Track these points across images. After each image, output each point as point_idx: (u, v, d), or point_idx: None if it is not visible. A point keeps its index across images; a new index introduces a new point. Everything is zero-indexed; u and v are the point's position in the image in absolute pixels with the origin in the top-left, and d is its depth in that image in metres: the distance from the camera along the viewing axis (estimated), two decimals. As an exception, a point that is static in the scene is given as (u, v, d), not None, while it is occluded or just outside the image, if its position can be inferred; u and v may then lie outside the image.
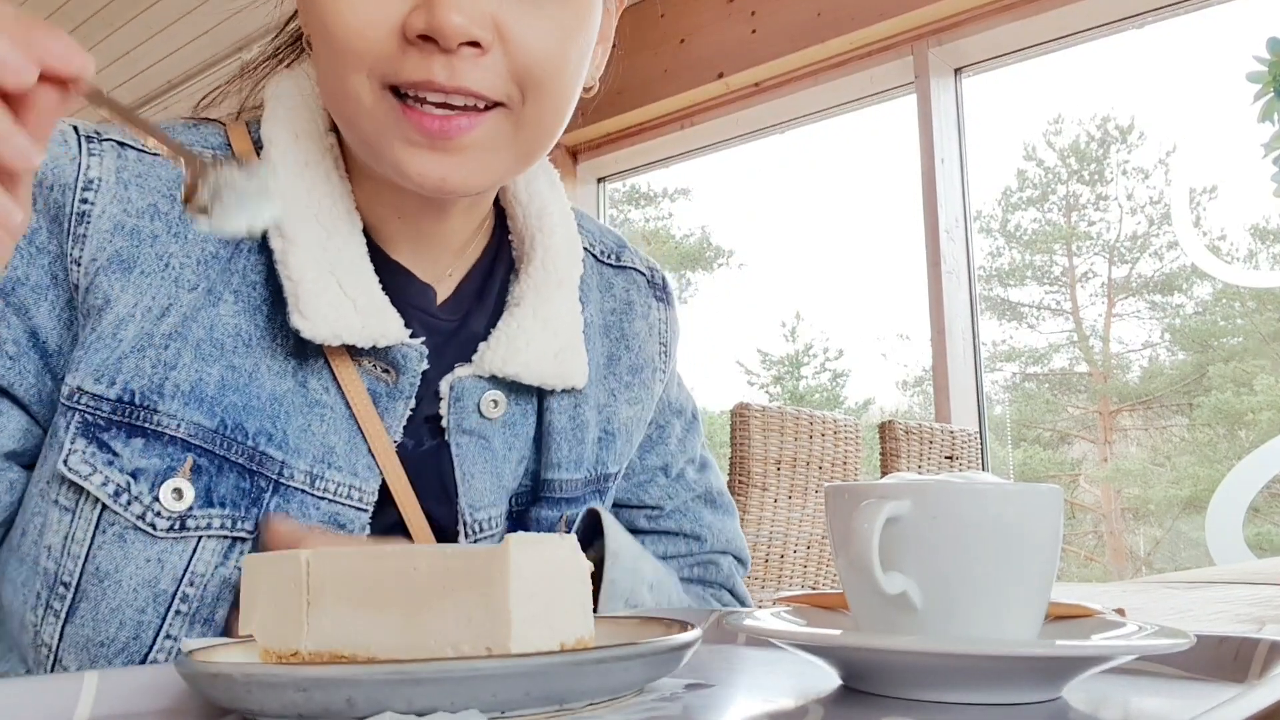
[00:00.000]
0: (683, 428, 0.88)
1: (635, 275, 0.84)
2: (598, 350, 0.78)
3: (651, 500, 0.85)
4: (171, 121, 0.69)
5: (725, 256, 12.02)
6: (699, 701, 0.44)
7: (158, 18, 3.94)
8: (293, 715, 0.37)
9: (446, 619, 0.41)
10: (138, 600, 0.59)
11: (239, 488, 0.61)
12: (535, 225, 0.74)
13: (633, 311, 0.82)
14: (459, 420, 0.68)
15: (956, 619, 0.45)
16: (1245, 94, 2.60)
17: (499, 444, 0.70)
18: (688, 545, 0.86)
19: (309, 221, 0.63)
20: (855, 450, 2.32)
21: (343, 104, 0.61)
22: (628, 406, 0.80)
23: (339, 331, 0.62)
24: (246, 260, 0.64)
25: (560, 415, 0.74)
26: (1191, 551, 9.18)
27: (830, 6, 3.40)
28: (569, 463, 0.74)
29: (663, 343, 0.84)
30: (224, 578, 0.61)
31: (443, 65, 0.57)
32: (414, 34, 0.56)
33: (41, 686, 0.44)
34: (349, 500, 0.64)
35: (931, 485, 0.46)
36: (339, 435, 0.64)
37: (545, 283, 0.72)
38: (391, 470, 0.65)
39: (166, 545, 0.60)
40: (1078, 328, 11.07)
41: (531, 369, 0.69)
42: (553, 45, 0.60)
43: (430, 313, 0.70)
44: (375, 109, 0.59)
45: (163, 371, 0.60)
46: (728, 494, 0.91)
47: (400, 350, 0.65)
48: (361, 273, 0.64)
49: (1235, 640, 0.50)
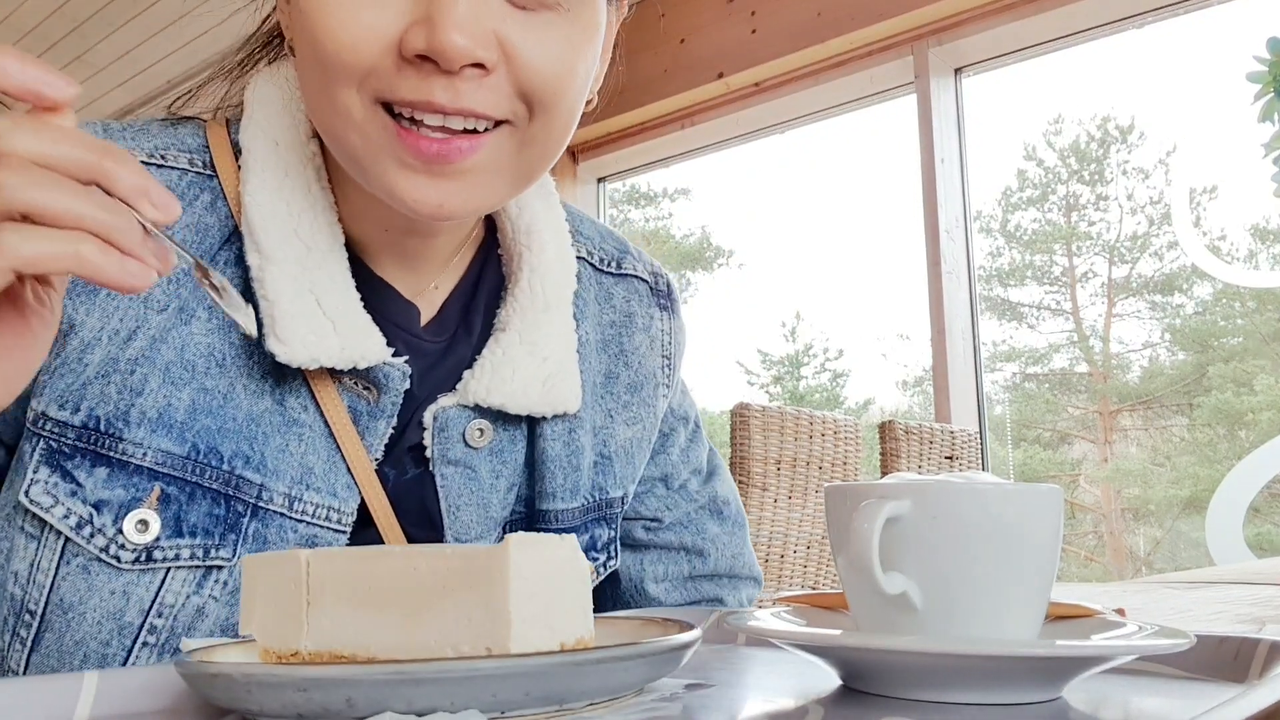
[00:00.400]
0: (686, 437, 0.84)
1: (637, 283, 0.80)
2: (594, 368, 0.75)
3: (649, 511, 0.81)
4: (148, 122, 0.66)
5: (725, 256, 12.02)
6: (699, 701, 0.44)
7: (158, 18, 3.93)
8: (292, 715, 0.37)
9: (446, 619, 0.41)
10: (101, 633, 0.57)
11: (212, 515, 0.59)
12: (524, 243, 0.70)
13: (633, 324, 0.78)
14: (443, 450, 0.66)
15: (957, 619, 0.45)
16: (1245, 94, 2.60)
17: (486, 473, 0.68)
18: (689, 562, 0.82)
19: (288, 237, 0.60)
20: (855, 450, 2.32)
21: (329, 118, 0.57)
22: (626, 427, 0.76)
23: (317, 355, 0.59)
24: (222, 274, 0.61)
25: (554, 442, 0.70)
26: (1191, 551, 9.18)
27: (830, 6, 3.39)
28: (564, 492, 0.71)
29: (665, 355, 0.80)
30: (197, 607, 0.59)
31: (444, 87, 0.53)
32: (412, 53, 0.52)
33: (41, 686, 0.43)
34: (326, 522, 0.62)
35: (931, 485, 0.46)
36: (317, 455, 0.62)
37: (531, 306, 0.69)
38: (370, 490, 0.63)
39: (132, 577, 0.57)
40: (1078, 328, 11.07)
41: (517, 399, 0.66)
42: (560, 63, 0.57)
43: (414, 333, 0.67)
44: (366, 125, 0.55)
45: (129, 398, 0.58)
46: (737, 503, 0.86)
47: (382, 370, 0.62)
48: (342, 290, 0.61)
49: (1235, 640, 0.50)
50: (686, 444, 0.84)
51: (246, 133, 0.63)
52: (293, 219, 0.61)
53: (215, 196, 0.63)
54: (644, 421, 0.78)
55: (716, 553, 0.82)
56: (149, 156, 0.63)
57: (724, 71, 3.65)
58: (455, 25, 0.51)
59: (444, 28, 0.51)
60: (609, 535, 0.76)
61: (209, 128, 0.67)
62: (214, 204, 0.63)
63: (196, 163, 0.64)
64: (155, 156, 0.63)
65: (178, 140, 0.65)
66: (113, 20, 3.95)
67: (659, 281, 0.82)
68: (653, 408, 0.78)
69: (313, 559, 0.45)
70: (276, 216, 0.61)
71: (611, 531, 0.76)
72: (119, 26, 3.99)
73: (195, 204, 0.62)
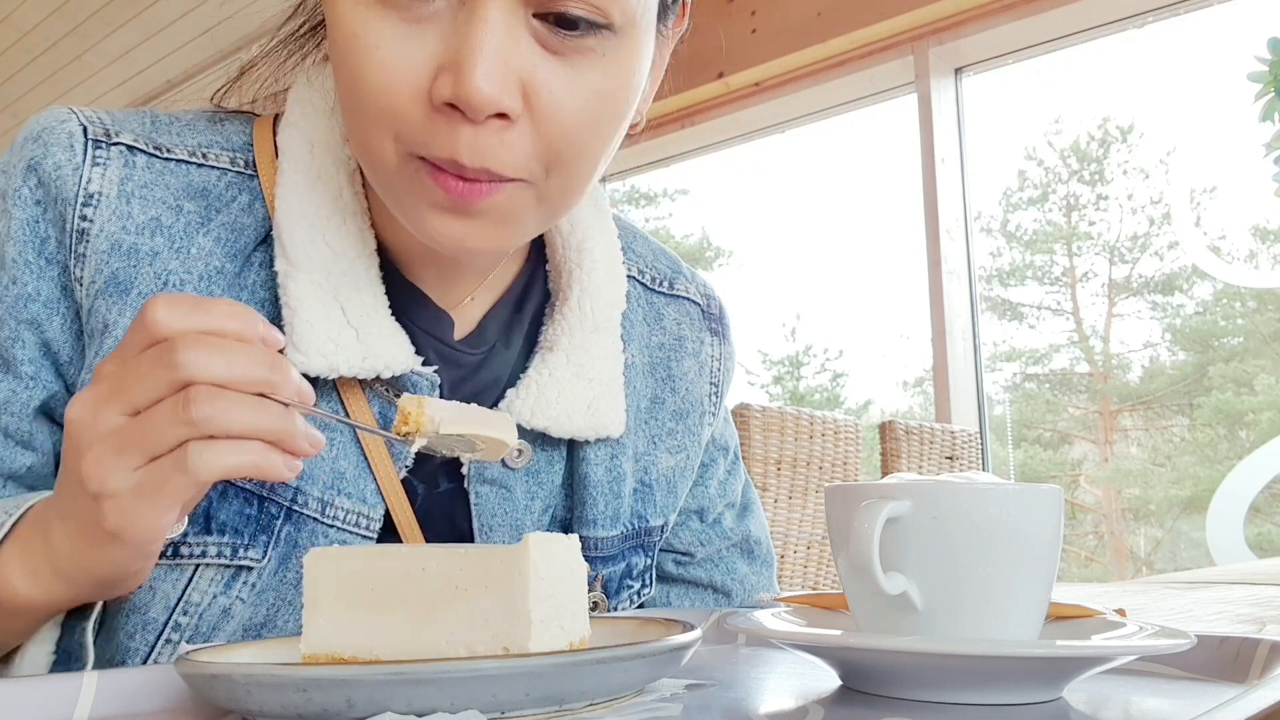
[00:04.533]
0: (725, 468, 0.82)
1: (688, 305, 0.78)
2: (639, 393, 0.73)
3: (682, 545, 0.79)
4: (196, 116, 0.66)
5: (725, 256, 12.02)
6: (699, 701, 0.44)
7: (158, 18, 3.94)
8: (292, 716, 0.37)
9: (459, 620, 0.41)
10: (127, 625, 0.57)
11: (243, 514, 0.59)
12: (574, 260, 0.69)
13: (683, 349, 0.76)
14: (480, 469, 0.65)
15: (957, 619, 0.45)
16: (1245, 94, 2.60)
17: (521, 494, 0.66)
18: (715, 601, 0.80)
19: (314, 242, 0.60)
20: (855, 451, 2.32)
21: (366, 155, 0.57)
22: (669, 455, 0.74)
23: (335, 364, 0.59)
24: (257, 275, 0.61)
25: (596, 467, 0.68)
26: (1192, 552, 9.17)
27: (830, 6, 3.39)
28: (605, 519, 0.69)
29: (714, 383, 0.78)
30: (223, 607, 0.58)
31: (468, 143, 0.52)
32: (440, 101, 0.52)
33: (41, 686, 0.43)
34: (355, 527, 0.61)
35: (932, 485, 0.46)
36: (348, 460, 0.61)
37: (581, 326, 0.67)
38: (395, 498, 0.62)
39: (160, 573, 0.57)
40: (1078, 328, 11.06)
41: (561, 423, 0.65)
42: (585, 116, 0.54)
43: (446, 342, 0.66)
44: (400, 171, 0.55)
45: None
46: (768, 542, 0.84)
47: (410, 378, 0.62)
48: (369, 297, 0.61)
49: (1236, 641, 0.50)
50: (725, 476, 0.82)
51: (285, 133, 0.63)
52: (321, 224, 0.60)
53: (254, 197, 0.63)
54: (687, 450, 0.76)
55: (743, 593, 0.81)
56: (190, 154, 0.62)
57: (724, 71, 3.65)
58: (484, 74, 0.50)
59: (471, 77, 0.50)
60: (646, 563, 0.74)
61: (256, 125, 0.66)
62: (252, 205, 0.62)
63: (239, 161, 0.64)
64: (197, 155, 0.63)
65: (222, 137, 0.64)
66: (113, 20, 3.95)
67: (711, 304, 0.80)
68: (697, 437, 0.76)
69: (315, 558, 0.45)
70: (305, 221, 0.60)
71: (648, 560, 0.74)
72: (119, 26, 3.99)
73: (233, 205, 0.62)
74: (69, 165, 0.59)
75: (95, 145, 0.60)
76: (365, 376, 0.60)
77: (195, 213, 0.61)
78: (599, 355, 0.67)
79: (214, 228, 0.61)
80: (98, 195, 0.59)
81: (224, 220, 0.61)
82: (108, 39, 4.07)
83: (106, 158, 0.60)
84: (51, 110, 0.62)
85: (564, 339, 0.67)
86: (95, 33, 4.03)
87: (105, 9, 3.89)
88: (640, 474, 0.72)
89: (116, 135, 0.61)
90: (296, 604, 0.60)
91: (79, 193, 0.58)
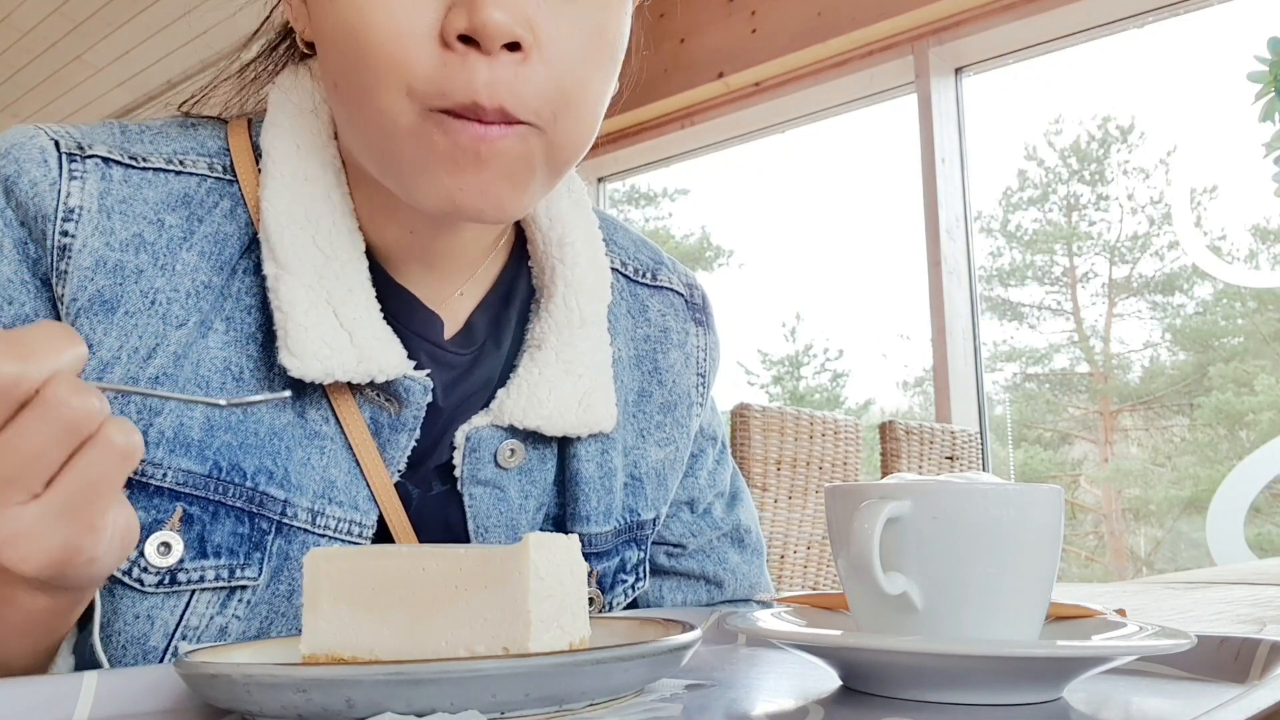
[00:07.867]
0: (714, 458, 0.81)
1: (672, 296, 0.78)
2: (627, 386, 0.73)
3: (674, 538, 0.78)
4: (166, 123, 0.64)
5: (725, 256, 12.02)
6: (699, 701, 0.44)
7: (158, 18, 3.94)
8: (292, 716, 0.37)
9: (459, 620, 0.41)
10: (126, 657, 0.56)
11: (236, 534, 0.57)
12: (556, 255, 0.68)
13: (668, 340, 0.76)
14: (473, 470, 0.64)
15: (957, 619, 0.45)
16: (1245, 94, 2.60)
17: (515, 493, 0.66)
18: (708, 592, 0.80)
19: (305, 245, 0.59)
20: (855, 451, 2.32)
21: (376, 122, 0.55)
22: (658, 448, 0.74)
23: (331, 369, 0.58)
24: (242, 283, 0.60)
25: (587, 463, 0.68)
26: (1192, 552, 9.17)
27: (830, 6, 3.40)
28: (598, 515, 0.69)
29: (700, 374, 0.78)
30: (220, 626, 0.58)
31: (485, 80, 0.52)
32: (454, 34, 0.52)
33: (41, 687, 0.43)
34: (348, 536, 0.61)
35: (932, 485, 0.46)
36: (339, 468, 0.60)
37: (568, 322, 0.67)
38: (388, 503, 0.62)
39: (157, 601, 0.56)
40: (1078, 328, 11.06)
41: (553, 422, 0.65)
42: (588, 53, 0.56)
43: (438, 344, 0.65)
44: (415, 132, 0.54)
45: (148, 417, 0.56)
46: (758, 530, 0.84)
47: (403, 383, 0.61)
48: (362, 300, 0.60)
49: (1236, 641, 0.50)
50: (714, 466, 0.81)
51: (267, 135, 0.62)
52: (310, 226, 0.60)
53: (235, 203, 0.61)
54: (677, 443, 0.75)
55: (735, 583, 0.80)
56: (167, 162, 0.61)
57: (724, 71, 3.65)
58: (495, 3, 0.51)
59: (484, 6, 0.51)
60: (639, 557, 0.74)
61: (230, 128, 0.65)
62: (233, 211, 0.61)
63: (216, 167, 0.62)
64: (174, 162, 0.61)
65: (197, 143, 0.63)
66: (113, 20, 3.95)
67: (694, 294, 0.79)
68: (686, 428, 0.76)
69: (315, 558, 0.45)
70: (294, 224, 0.59)
71: (641, 553, 0.74)
72: (119, 26, 3.99)
73: (214, 211, 0.61)
74: (45, 181, 0.57)
75: (70, 159, 0.58)
76: (360, 380, 0.59)
77: (177, 226, 0.59)
78: (587, 350, 0.67)
79: (197, 241, 0.60)
80: (78, 210, 0.57)
81: (206, 232, 0.60)
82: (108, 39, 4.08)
83: (83, 170, 0.58)
84: (16, 128, 0.60)
85: (551, 336, 0.66)
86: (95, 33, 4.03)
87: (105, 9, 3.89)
88: (630, 468, 0.72)
89: (90, 148, 0.59)
90: (290, 615, 0.59)
91: (58, 208, 0.57)
